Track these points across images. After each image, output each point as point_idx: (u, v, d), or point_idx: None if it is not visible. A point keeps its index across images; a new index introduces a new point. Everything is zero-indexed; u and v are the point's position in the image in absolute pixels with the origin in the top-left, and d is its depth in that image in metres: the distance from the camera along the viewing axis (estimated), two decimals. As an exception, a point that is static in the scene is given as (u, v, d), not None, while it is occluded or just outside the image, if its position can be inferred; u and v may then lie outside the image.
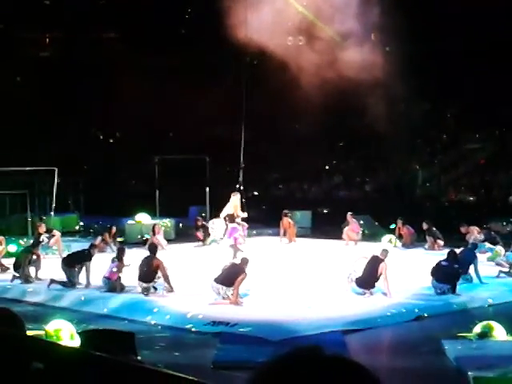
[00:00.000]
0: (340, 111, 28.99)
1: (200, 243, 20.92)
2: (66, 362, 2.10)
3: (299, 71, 23.06)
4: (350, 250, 19.21)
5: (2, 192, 22.69)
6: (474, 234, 18.80)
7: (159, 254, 14.39)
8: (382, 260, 13.38)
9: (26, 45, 31.60)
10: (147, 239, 20.04)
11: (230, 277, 12.77)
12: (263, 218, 25.13)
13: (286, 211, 21.82)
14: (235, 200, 20.30)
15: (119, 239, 20.61)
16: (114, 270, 13.97)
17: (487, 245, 17.81)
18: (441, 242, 19.51)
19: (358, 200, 27.04)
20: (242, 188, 21.72)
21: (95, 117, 30.35)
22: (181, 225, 23.96)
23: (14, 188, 22.87)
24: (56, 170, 23.73)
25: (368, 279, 13.38)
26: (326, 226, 22.94)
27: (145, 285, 13.57)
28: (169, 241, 20.74)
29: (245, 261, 13.09)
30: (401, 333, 11.41)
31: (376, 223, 22.89)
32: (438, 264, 14.01)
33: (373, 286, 13.35)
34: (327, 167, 31.52)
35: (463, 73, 26.79)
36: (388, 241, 20.81)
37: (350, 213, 21.19)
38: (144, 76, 28.62)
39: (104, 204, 26.84)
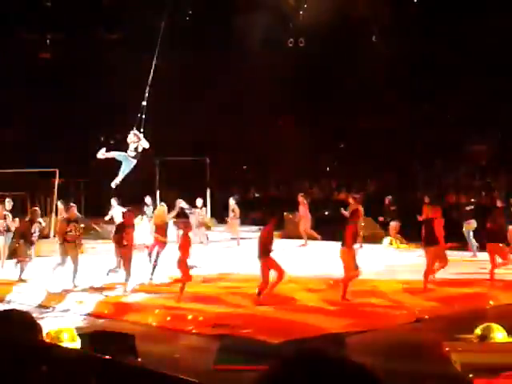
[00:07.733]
0: (340, 113, 28.98)
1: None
2: (68, 364, 2.10)
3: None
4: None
5: (2, 193, 22.66)
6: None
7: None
8: None
9: (26, 46, 31.58)
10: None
11: None
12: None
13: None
14: None
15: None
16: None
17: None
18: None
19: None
20: None
21: (96, 118, 30.30)
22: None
23: (14, 189, 22.81)
24: (57, 171, 23.72)
25: None
26: (327, 228, 22.89)
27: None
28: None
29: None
30: (401, 334, 11.39)
31: (377, 225, 22.85)
32: None
33: None
34: (328, 169, 31.50)
35: (464, 73, 26.77)
36: (389, 243, 20.82)
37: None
38: (144, 76, 28.59)
39: (105, 205, 26.77)
